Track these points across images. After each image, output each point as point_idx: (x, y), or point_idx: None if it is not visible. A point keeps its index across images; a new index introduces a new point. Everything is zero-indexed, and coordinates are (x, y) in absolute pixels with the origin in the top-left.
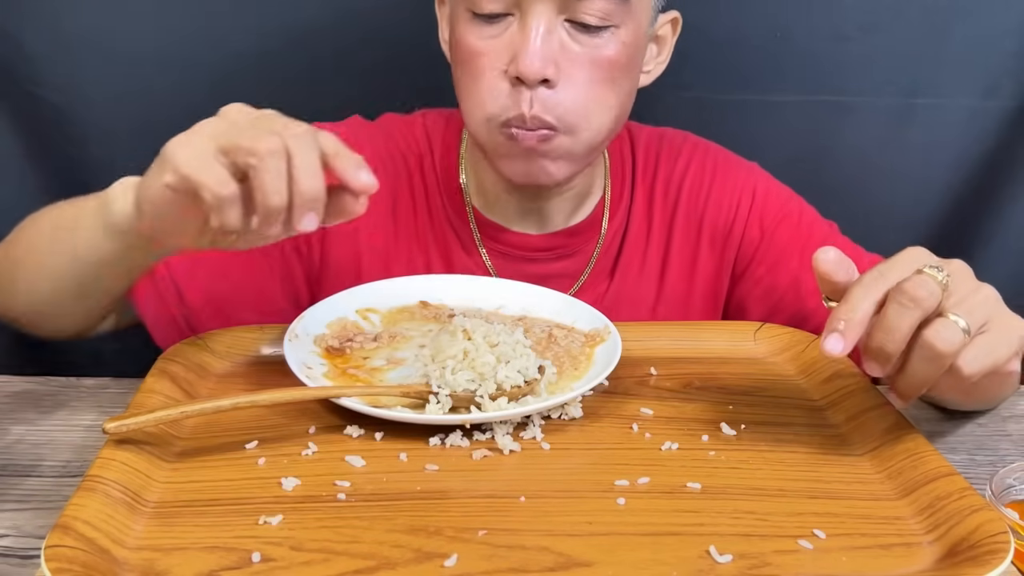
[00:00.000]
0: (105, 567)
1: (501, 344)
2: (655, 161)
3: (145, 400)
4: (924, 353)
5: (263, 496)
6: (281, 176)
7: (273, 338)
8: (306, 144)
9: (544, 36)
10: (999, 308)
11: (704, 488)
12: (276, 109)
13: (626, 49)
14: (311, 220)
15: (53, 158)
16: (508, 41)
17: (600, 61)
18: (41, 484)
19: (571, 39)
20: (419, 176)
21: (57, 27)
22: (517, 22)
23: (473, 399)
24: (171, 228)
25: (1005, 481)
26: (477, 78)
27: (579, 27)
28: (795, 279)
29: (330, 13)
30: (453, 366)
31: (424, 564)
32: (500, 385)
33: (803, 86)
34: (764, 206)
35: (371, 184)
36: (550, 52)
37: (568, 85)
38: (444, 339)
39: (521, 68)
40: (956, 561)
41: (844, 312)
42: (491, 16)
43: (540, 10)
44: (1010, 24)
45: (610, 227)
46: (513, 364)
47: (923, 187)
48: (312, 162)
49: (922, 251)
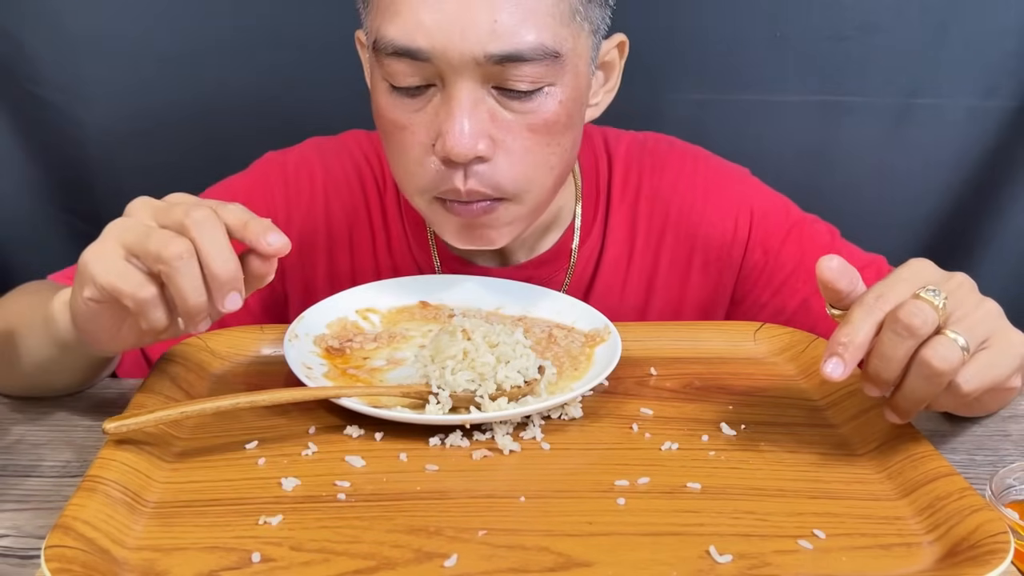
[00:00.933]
0: (105, 567)
1: (501, 344)
2: (637, 175)
3: (145, 400)
4: (922, 371)
5: (263, 496)
6: (194, 276)
7: (273, 338)
8: (211, 229)
9: (471, 111)
10: (1000, 324)
11: (704, 488)
12: (276, 110)
13: (564, 106)
14: (234, 300)
15: (53, 158)
16: (432, 115)
17: (536, 126)
18: (41, 484)
19: (501, 107)
20: (378, 203)
21: (57, 27)
22: (440, 94)
23: (473, 399)
24: (108, 336)
25: (1005, 481)
26: (403, 153)
27: (509, 94)
28: (804, 301)
29: (330, 14)
30: (453, 366)
31: (424, 564)
32: (500, 385)
33: (803, 86)
34: (765, 226)
35: (282, 245)
36: (480, 127)
37: (504, 155)
38: (444, 339)
39: (449, 152)
40: (956, 561)
41: (844, 335)
42: (411, 89)
43: (463, 84)
44: (1010, 24)
45: (581, 253)
46: (513, 364)
47: (923, 187)
48: (222, 247)
49: (926, 265)
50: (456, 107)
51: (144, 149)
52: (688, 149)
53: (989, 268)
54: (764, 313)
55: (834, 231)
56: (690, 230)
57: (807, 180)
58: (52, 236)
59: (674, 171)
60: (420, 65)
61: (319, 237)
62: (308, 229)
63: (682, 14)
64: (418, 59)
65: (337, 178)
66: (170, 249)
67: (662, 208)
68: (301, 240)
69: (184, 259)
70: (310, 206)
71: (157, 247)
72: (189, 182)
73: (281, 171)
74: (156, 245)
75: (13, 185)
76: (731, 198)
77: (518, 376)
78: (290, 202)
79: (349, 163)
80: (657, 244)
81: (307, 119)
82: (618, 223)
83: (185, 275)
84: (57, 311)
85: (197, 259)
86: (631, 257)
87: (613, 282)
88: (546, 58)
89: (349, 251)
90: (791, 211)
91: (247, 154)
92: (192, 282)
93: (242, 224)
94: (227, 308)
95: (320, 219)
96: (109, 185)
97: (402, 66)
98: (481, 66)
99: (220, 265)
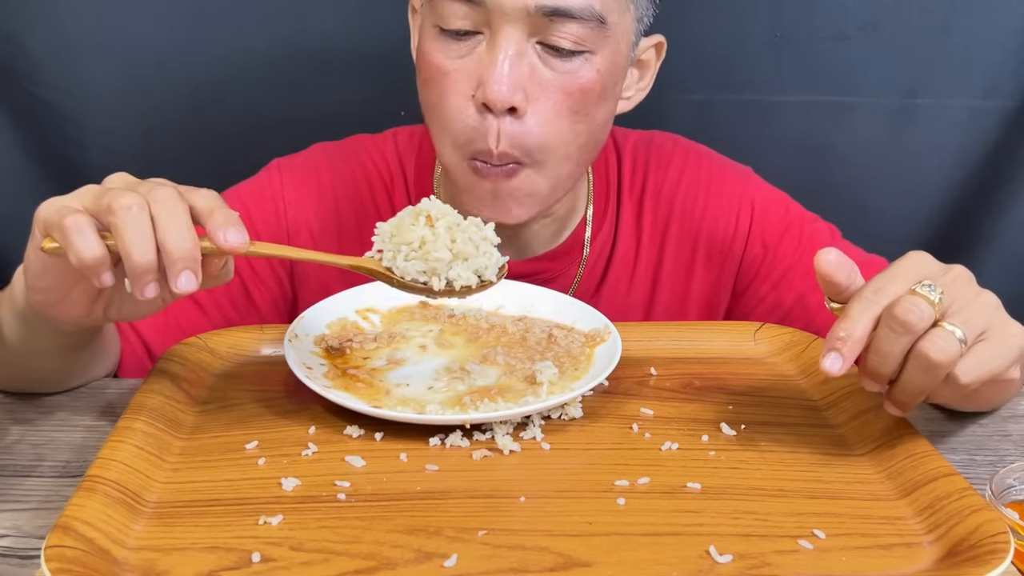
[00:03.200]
0: (105, 567)
1: (460, 241)
2: (643, 171)
3: (145, 400)
4: (919, 364)
5: (263, 496)
6: (142, 232)
7: (273, 338)
8: (170, 202)
9: (513, 60)
10: (998, 316)
11: (704, 488)
12: (276, 110)
13: (600, 77)
14: (188, 279)
15: (53, 158)
16: (476, 62)
17: (571, 89)
18: (41, 484)
19: (542, 63)
20: (387, 202)
21: (57, 27)
22: (486, 42)
23: (423, 288)
24: (56, 297)
25: (1005, 481)
26: (443, 100)
27: (551, 51)
28: (801, 296)
29: (331, 15)
30: (407, 252)
31: (424, 564)
32: (451, 283)
33: (803, 86)
34: (765, 220)
35: (239, 244)
36: (519, 78)
37: (535, 114)
38: (407, 220)
39: (488, 95)
40: (956, 561)
41: (842, 329)
42: (459, 33)
43: (510, 31)
44: (1010, 24)
45: (593, 246)
46: (470, 263)
47: (923, 187)
48: (178, 218)
49: (924, 257)
50: (500, 53)
51: (144, 149)
52: (692, 147)
53: (989, 267)
54: (762, 307)
55: (834, 230)
56: (693, 225)
57: (807, 180)
58: None
59: (678, 168)
60: (473, 9)
61: (329, 239)
62: (318, 232)
63: (682, 14)
64: (473, 2)
65: (345, 180)
66: (120, 200)
67: (667, 204)
68: (311, 240)
69: (133, 211)
70: (319, 208)
71: (109, 199)
72: (189, 182)
73: (289, 175)
74: (108, 197)
75: (13, 185)
76: (733, 194)
77: (472, 277)
78: (299, 205)
79: (356, 165)
80: (662, 239)
81: (307, 119)
82: (626, 218)
83: (131, 226)
84: (15, 278)
85: (149, 216)
86: (638, 252)
87: (623, 276)
88: (592, 20)
89: (360, 249)
90: (791, 208)
91: (247, 154)
92: (138, 236)
93: (208, 211)
94: (180, 288)
95: (330, 221)
96: None
97: (455, 7)
98: (531, 16)
99: (175, 239)
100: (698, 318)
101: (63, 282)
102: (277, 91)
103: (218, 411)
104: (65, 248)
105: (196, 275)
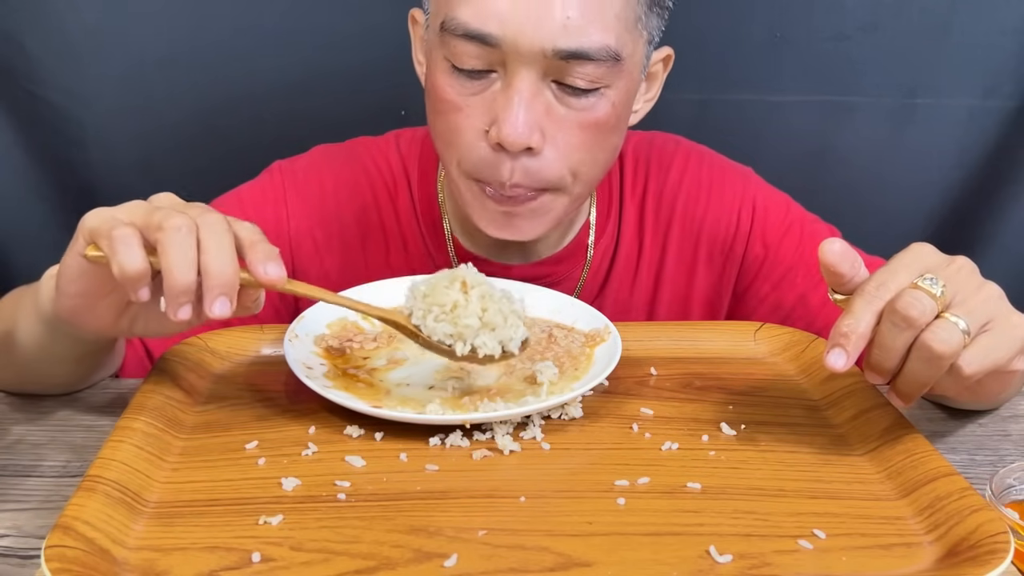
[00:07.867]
0: (105, 567)
1: (491, 311)
2: (645, 173)
3: (145, 400)
4: (922, 355)
5: (263, 496)
6: (187, 253)
7: (273, 338)
8: (217, 228)
9: (529, 101)
10: (1002, 307)
11: (704, 488)
12: (276, 110)
13: (616, 109)
14: (223, 305)
15: (53, 158)
16: (490, 100)
17: (587, 124)
18: (41, 484)
19: (558, 102)
20: (390, 206)
21: (58, 28)
22: (500, 81)
23: (445, 350)
24: (86, 305)
25: (1005, 481)
26: (455, 133)
27: (567, 89)
28: (802, 296)
29: (332, 17)
30: (437, 314)
31: (424, 564)
32: (475, 349)
33: (803, 86)
34: (765, 220)
35: (277, 279)
36: (535, 118)
37: (551, 149)
38: (442, 282)
39: (504, 137)
40: (956, 561)
41: (846, 325)
42: (472, 72)
43: (526, 73)
44: (1010, 24)
45: (597, 249)
46: (497, 333)
47: (923, 187)
48: (223, 246)
49: (927, 249)
50: (516, 96)
51: (144, 149)
52: (693, 148)
53: (989, 267)
54: (763, 307)
55: (835, 231)
56: (695, 226)
57: (807, 180)
58: (52, 236)
59: (679, 169)
60: (488, 50)
61: (332, 241)
62: (320, 234)
63: (682, 14)
64: (487, 44)
65: (347, 182)
66: (171, 220)
67: (668, 205)
68: (314, 246)
69: (182, 232)
70: (321, 211)
71: (159, 218)
72: (189, 182)
73: (291, 178)
74: (159, 216)
75: (13, 185)
76: (734, 194)
77: (496, 347)
78: (301, 207)
79: (359, 168)
80: (664, 240)
81: (307, 119)
82: (628, 220)
83: (178, 246)
84: (44, 282)
85: (196, 239)
86: (640, 253)
87: (625, 278)
88: (608, 60)
89: (363, 254)
90: (792, 208)
91: (247, 154)
92: (183, 257)
93: (250, 243)
94: (215, 312)
95: (332, 223)
96: (109, 185)
97: (469, 48)
98: (547, 59)
99: (218, 264)
100: (700, 318)
101: (96, 291)
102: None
103: (218, 411)
104: (109, 257)
105: (232, 302)
